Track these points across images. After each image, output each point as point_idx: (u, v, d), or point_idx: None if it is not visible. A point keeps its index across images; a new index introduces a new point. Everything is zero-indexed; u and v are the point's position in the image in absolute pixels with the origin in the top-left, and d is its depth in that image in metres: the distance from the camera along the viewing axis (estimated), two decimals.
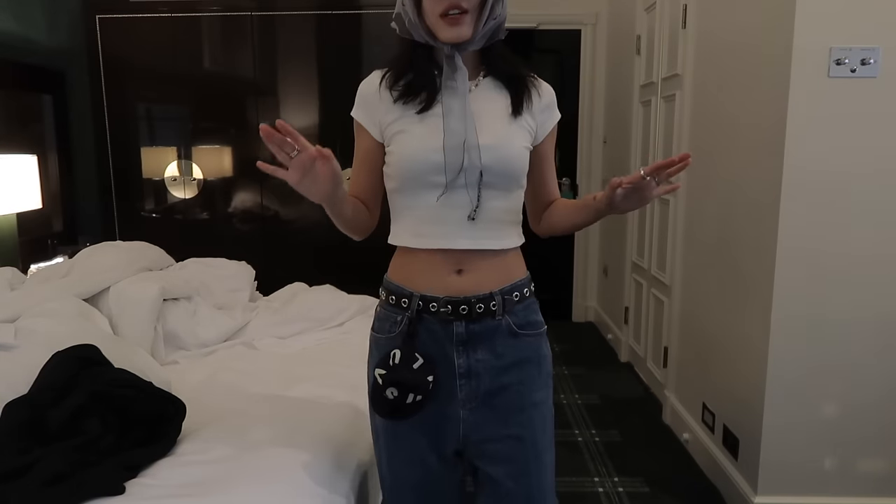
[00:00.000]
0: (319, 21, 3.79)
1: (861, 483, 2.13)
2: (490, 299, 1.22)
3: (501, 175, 1.21)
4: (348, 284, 2.70)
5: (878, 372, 2.07)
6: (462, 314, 1.21)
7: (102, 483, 1.29)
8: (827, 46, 1.92)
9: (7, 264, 2.37)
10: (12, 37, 3.37)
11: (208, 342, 2.22)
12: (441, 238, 1.21)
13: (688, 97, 2.83)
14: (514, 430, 1.24)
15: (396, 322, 1.25)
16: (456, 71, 1.18)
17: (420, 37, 1.20)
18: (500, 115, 1.22)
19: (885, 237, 2.01)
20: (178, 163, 3.90)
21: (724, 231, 2.45)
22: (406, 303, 1.24)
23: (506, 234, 1.25)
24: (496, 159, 1.19)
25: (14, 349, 1.68)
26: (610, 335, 4.21)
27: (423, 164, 1.18)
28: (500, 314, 1.22)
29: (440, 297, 1.21)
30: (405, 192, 1.24)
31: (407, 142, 1.20)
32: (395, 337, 1.24)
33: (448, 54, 1.18)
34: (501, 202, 1.23)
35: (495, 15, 1.18)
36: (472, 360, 1.22)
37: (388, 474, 1.30)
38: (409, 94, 1.20)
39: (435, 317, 1.22)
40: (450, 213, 1.20)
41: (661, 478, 2.53)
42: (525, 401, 1.25)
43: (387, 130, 1.23)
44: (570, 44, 4.45)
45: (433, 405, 1.21)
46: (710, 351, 2.56)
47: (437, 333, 1.22)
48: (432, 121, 1.19)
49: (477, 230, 1.21)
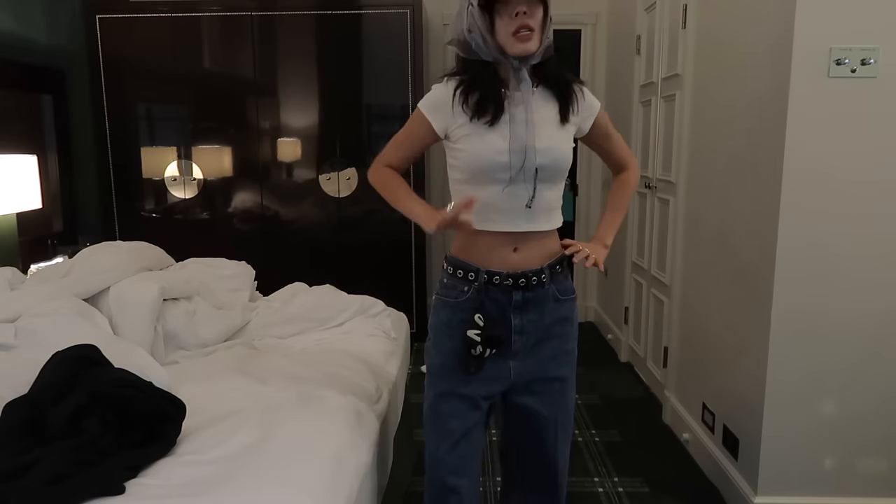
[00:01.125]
0: (319, 21, 3.79)
1: (861, 483, 2.13)
2: (541, 272, 1.50)
3: (552, 171, 1.47)
4: (348, 284, 2.70)
5: (879, 372, 2.07)
6: (521, 286, 1.48)
7: (102, 483, 1.29)
8: (827, 46, 1.92)
9: (7, 264, 2.37)
10: (12, 37, 3.37)
11: (208, 342, 2.21)
12: (503, 222, 1.47)
13: (688, 97, 2.83)
14: (553, 373, 1.56)
15: (464, 291, 1.50)
16: (521, 82, 1.42)
17: (489, 55, 1.42)
18: (552, 121, 1.48)
19: (886, 237, 2.01)
20: (178, 163, 3.90)
21: (724, 231, 2.45)
22: (473, 276, 1.49)
23: (554, 217, 1.53)
24: (549, 160, 1.45)
25: (14, 349, 1.68)
26: (610, 335, 4.21)
27: (491, 163, 1.43)
28: (549, 283, 1.51)
29: (502, 271, 1.48)
30: (472, 184, 1.47)
31: (477, 144, 1.44)
32: (463, 303, 1.50)
33: (516, 67, 1.42)
34: (550, 192, 1.49)
35: (548, 35, 1.43)
36: (525, 321, 1.51)
37: (442, 412, 1.55)
38: (480, 110, 1.43)
39: (498, 288, 1.48)
40: (511, 202, 1.45)
41: (661, 478, 2.53)
42: (560, 350, 1.56)
43: (455, 132, 1.47)
44: (570, 44, 4.45)
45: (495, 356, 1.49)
46: (710, 351, 2.56)
47: (500, 300, 1.49)
48: (499, 126, 1.43)
49: (532, 215, 1.47)
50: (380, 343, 2.29)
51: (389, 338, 2.38)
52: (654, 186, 3.31)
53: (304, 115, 3.88)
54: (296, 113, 3.88)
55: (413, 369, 3.37)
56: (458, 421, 1.55)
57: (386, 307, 2.59)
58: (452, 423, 1.55)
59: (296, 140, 3.88)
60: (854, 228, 2.01)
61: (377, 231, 3.91)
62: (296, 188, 3.92)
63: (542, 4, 1.39)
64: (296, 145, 3.89)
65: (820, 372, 2.08)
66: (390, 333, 2.41)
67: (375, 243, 3.95)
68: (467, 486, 1.59)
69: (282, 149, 3.88)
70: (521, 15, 1.37)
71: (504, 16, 1.38)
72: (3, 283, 2.07)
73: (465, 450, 1.56)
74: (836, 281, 2.03)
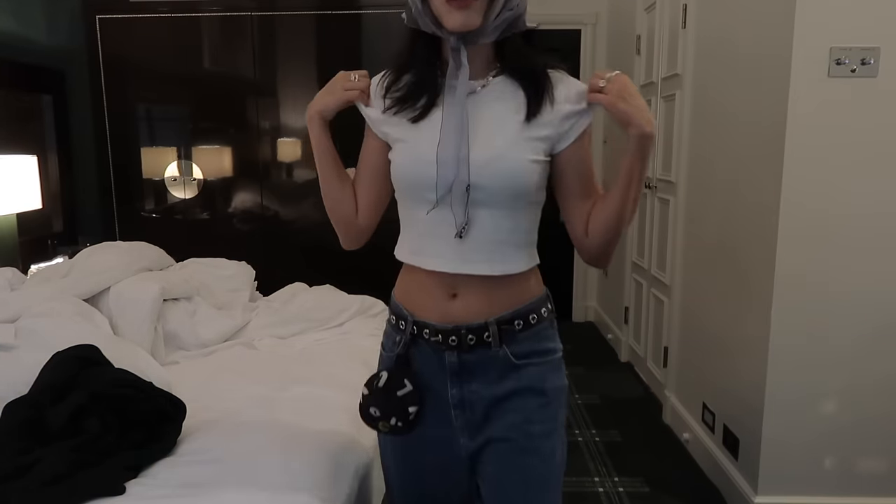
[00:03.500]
0: (319, 21, 3.79)
1: (861, 483, 2.13)
2: (483, 329, 1.10)
3: (498, 192, 1.06)
4: (348, 284, 2.70)
5: (879, 373, 2.07)
6: (452, 345, 1.11)
7: (102, 483, 1.29)
8: (827, 46, 1.92)
9: (7, 264, 2.36)
10: (12, 37, 3.37)
11: (208, 342, 2.21)
12: (434, 257, 1.11)
13: (688, 97, 2.83)
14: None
15: (396, 342, 1.18)
16: (459, 67, 1.04)
17: (426, 26, 1.05)
18: (508, 122, 1.06)
19: (886, 237, 2.01)
20: (178, 163, 3.89)
21: (725, 231, 2.45)
22: (403, 325, 1.17)
23: (506, 257, 1.10)
24: (492, 174, 1.04)
25: (14, 349, 1.68)
26: (610, 335, 4.21)
27: (416, 178, 1.08)
28: (497, 345, 1.11)
29: (432, 323, 1.12)
30: (403, 205, 1.16)
31: (403, 152, 1.11)
32: (394, 357, 1.18)
33: (454, 46, 1.04)
34: (501, 221, 1.08)
35: (512, 5, 1.03)
36: (466, 391, 1.13)
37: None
38: (405, 101, 1.09)
39: (428, 344, 1.14)
40: (441, 232, 1.08)
41: (661, 478, 2.53)
42: (525, 432, 1.12)
43: (387, 136, 1.15)
44: (570, 44, 4.45)
45: (434, 431, 1.15)
46: (710, 351, 2.56)
47: (432, 360, 1.14)
48: (429, 128, 1.07)
49: (468, 251, 1.08)
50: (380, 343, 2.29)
51: None
52: (654, 186, 3.31)
53: (304, 115, 3.88)
54: (296, 113, 3.87)
55: None
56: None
57: (386, 307, 2.59)
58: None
59: (296, 140, 3.88)
60: (854, 228, 2.01)
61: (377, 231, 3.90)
62: (296, 188, 3.91)
63: None
64: (296, 145, 3.88)
65: (820, 372, 2.08)
66: None
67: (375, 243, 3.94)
68: None
69: (282, 149, 3.87)
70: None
71: None
72: (4, 283, 2.07)
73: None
74: (837, 281, 2.03)
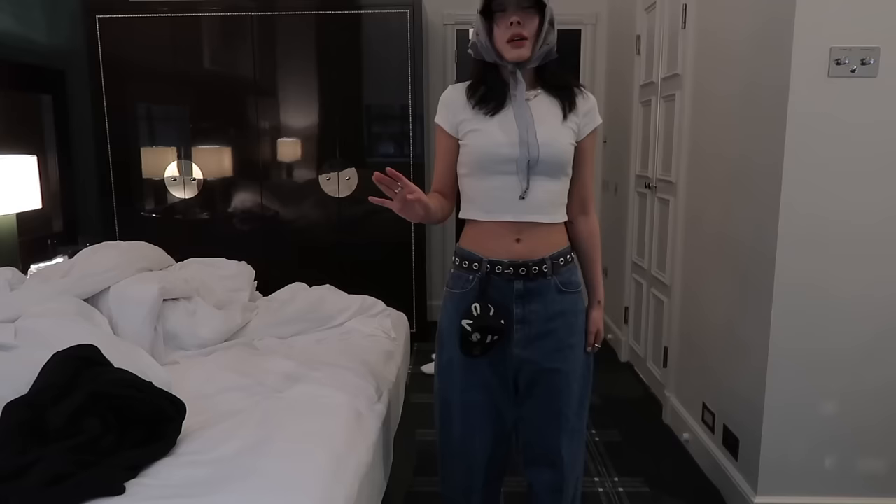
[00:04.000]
0: (319, 21, 3.79)
1: (861, 483, 2.13)
2: (542, 263, 1.56)
3: (549, 165, 1.53)
4: (348, 284, 2.70)
5: (879, 373, 2.07)
6: (521, 275, 1.55)
7: (102, 483, 1.29)
8: (827, 46, 1.92)
9: (7, 264, 2.36)
10: (12, 37, 3.37)
11: (208, 342, 2.21)
12: (503, 213, 1.54)
13: (688, 97, 2.83)
14: (553, 365, 1.59)
15: (469, 280, 1.58)
16: (518, 84, 1.54)
17: (491, 58, 1.55)
18: (552, 119, 1.56)
19: (887, 237, 2.01)
20: (178, 163, 3.90)
21: (724, 231, 2.45)
22: (477, 266, 1.57)
23: (555, 211, 1.58)
24: (547, 154, 1.52)
25: (14, 349, 1.68)
26: (610, 335, 4.21)
27: (492, 156, 1.53)
28: (551, 274, 1.56)
29: (504, 260, 1.55)
30: (475, 177, 1.57)
31: (479, 138, 1.54)
32: (467, 293, 1.57)
33: (511, 71, 1.54)
34: (549, 185, 1.55)
35: (548, 42, 1.53)
36: (527, 310, 1.56)
37: (460, 399, 1.62)
38: (483, 102, 1.55)
39: (500, 276, 1.55)
40: (510, 194, 1.53)
41: (661, 478, 2.53)
42: (563, 343, 1.59)
43: (461, 127, 1.57)
44: (570, 44, 4.45)
45: (500, 344, 1.55)
46: (710, 351, 2.56)
47: (502, 288, 1.56)
48: (500, 122, 1.53)
49: (530, 207, 1.54)
50: (380, 343, 2.29)
51: (389, 338, 2.38)
52: (654, 186, 3.31)
53: (304, 115, 3.88)
54: (296, 113, 3.88)
55: (413, 369, 3.37)
56: (466, 395, 1.62)
57: (386, 307, 2.59)
58: (459, 396, 1.63)
59: (296, 140, 3.88)
60: (855, 229, 2.01)
61: (377, 231, 3.91)
62: (296, 188, 3.92)
63: (537, 15, 1.50)
64: (296, 145, 3.89)
65: (820, 372, 2.08)
66: (390, 333, 2.41)
67: (375, 243, 3.95)
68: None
69: (282, 149, 3.88)
70: (515, 24, 1.49)
71: (501, 24, 1.50)
72: (3, 283, 2.07)
73: (473, 410, 1.62)
74: (837, 281, 2.03)
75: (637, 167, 3.66)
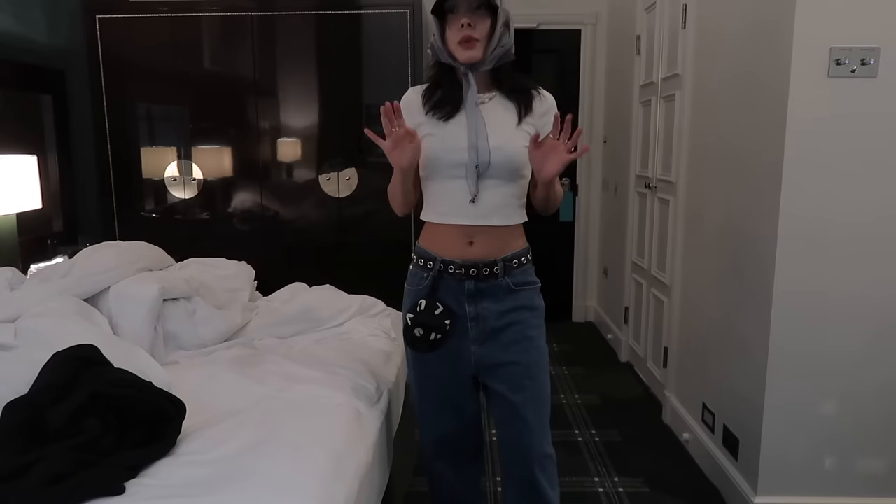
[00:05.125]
0: (319, 21, 3.79)
1: (861, 483, 2.13)
2: (494, 264, 1.59)
3: (505, 169, 1.55)
4: (348, 284, 2.70)
5: (879, 373, 2.07)
6: (472, 275, 1.58)
7: (102, 483, 1.29)
8: (827, 46, 1.92)
9: (7, 264, 2.36)
10: (12, 37, 3.36)
11: (208, 342, 2.21)
12: (455, 216, 1.58)
13: (688, 97, 2.83)
14: (513, 357, 1.61)
15: (423, 278, 1.63)
16: (470, 86, 1.55)
17: (445, 59, 1.57)
18: (506, 123, 1.57)
19: (887, 237, 2.01)
20: (178, 163, 3.89)
21: (725, 231, 2.45)
22: (431, 265, 1.61)
23: (508, 214, 1.60)
24: (501, 157, 1.54)
25: (14, 349, 1.68)
26: (610, 335, 4.21)
27: (445, 160, 1.56)
28: (502, 276, 1.59)
29: (457, 260, 1.59)
30: (431, 179, 1.61)
31: (434, 141, 1.57)
32: (421, 290, 1.62)
33: (463, 72, 1.55)
34: (501, 188, 1.57)
35: (503, 44, 1.54)
36: (480, 308, 1.60)
37: (418, 392, 1.73)
38: (437, 108, 1.58)
39: (452, 276, 1.59)
40: (462, 197, 1.56)
41: (661, 478, 2.53)
42: (521, 335, 1.62)
43: (420, 130, 1.58)
44: (570, 44, 4.45)
45: (453, 342, 1.61)
46: (710, 351, 2.56)
47: (454, 288, 1.60)
48: (453, 126, 1.56)
49: (481, 210, 1.56)
50: (380, 343, 2.29)
51: (390, 338, 2.38)
52: (654, 186, 3.31)
53: (304, 115, 3.88)
54: (296, 113, 3.87)
55: None
56: (435, 389, 1.70)
57: (386, 307, 2.59)
58: (416, 386, 1.73)
59: (296, 140, 3.88)
60: (855, 229, 2.01)
61: (377, 231, 3.91)
62: (296, 188, 3.92)
63: (489, 17, 1.51)
64: (296, 145, 3.88)
65: (820, 372, 2.08)
66: (390, 333, 2.41)
67: (375, 243, 3.95)
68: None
69: (282, 149, 3.88)
70: (466, 26, 1.50)
71: (452, 25, 1.53)
72: (3, 283, 2.06)
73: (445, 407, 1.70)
74: (837, 281, 2.03)
75: (637, 167, 3.66)
